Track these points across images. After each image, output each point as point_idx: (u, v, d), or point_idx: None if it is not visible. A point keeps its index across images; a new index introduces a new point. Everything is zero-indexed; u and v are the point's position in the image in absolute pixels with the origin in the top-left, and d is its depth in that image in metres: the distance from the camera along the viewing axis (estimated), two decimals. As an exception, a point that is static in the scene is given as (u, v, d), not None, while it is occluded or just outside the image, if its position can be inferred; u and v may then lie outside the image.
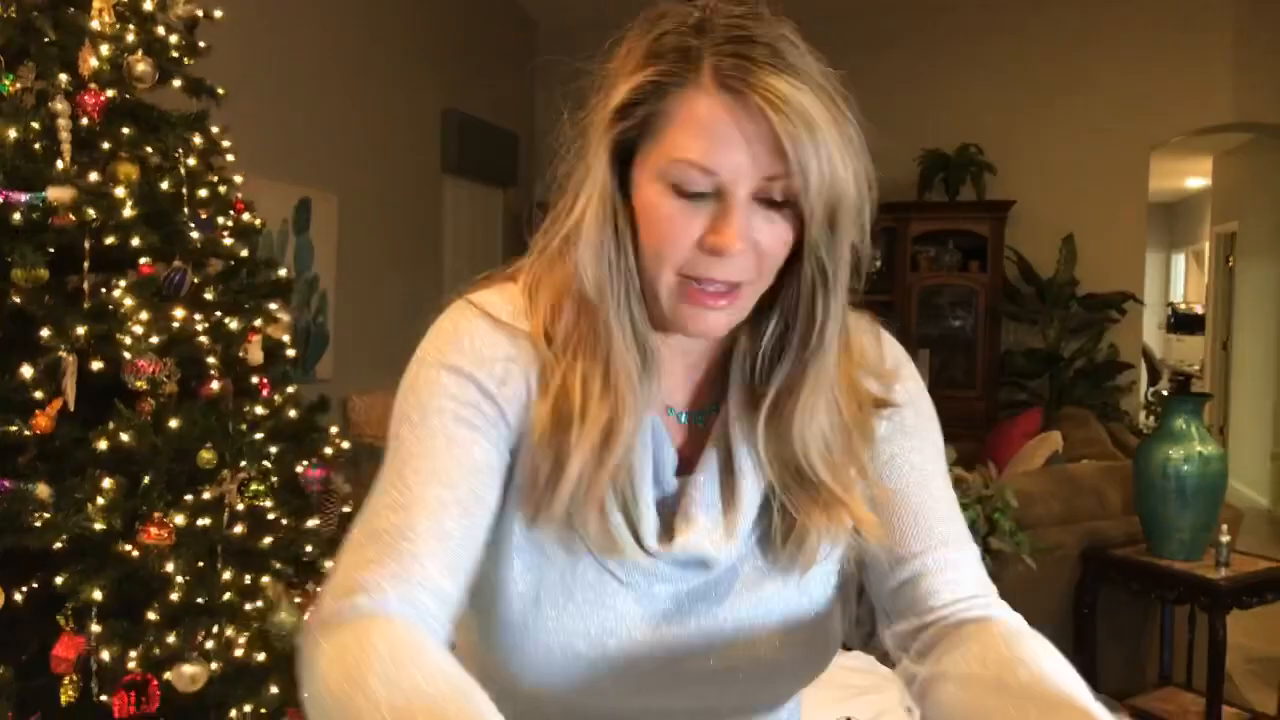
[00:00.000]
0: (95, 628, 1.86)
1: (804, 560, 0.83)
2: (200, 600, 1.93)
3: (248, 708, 1.92)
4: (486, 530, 0.77)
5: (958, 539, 0.85)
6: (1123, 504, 3.04)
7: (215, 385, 2.11)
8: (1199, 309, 9.89)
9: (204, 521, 1.98)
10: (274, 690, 1.95)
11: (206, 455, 1.97)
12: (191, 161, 2.24)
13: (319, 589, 2.28)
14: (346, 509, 2.36)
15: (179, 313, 2.07)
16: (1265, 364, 6.84)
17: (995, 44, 5.82)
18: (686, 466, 0.83)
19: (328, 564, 2.14)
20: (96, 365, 1.94)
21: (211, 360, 2.12)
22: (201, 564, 1.96)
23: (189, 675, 1.85)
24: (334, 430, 2.36)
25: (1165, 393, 7.20)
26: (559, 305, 0.80)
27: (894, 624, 0.85)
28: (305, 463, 2.20)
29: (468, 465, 0.76)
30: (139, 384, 1.99)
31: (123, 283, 2.01)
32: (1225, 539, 2.72)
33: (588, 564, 0.80)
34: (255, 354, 2.26)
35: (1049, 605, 2.89)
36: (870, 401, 0.85)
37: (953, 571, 0.83)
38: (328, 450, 2.27)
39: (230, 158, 2.39)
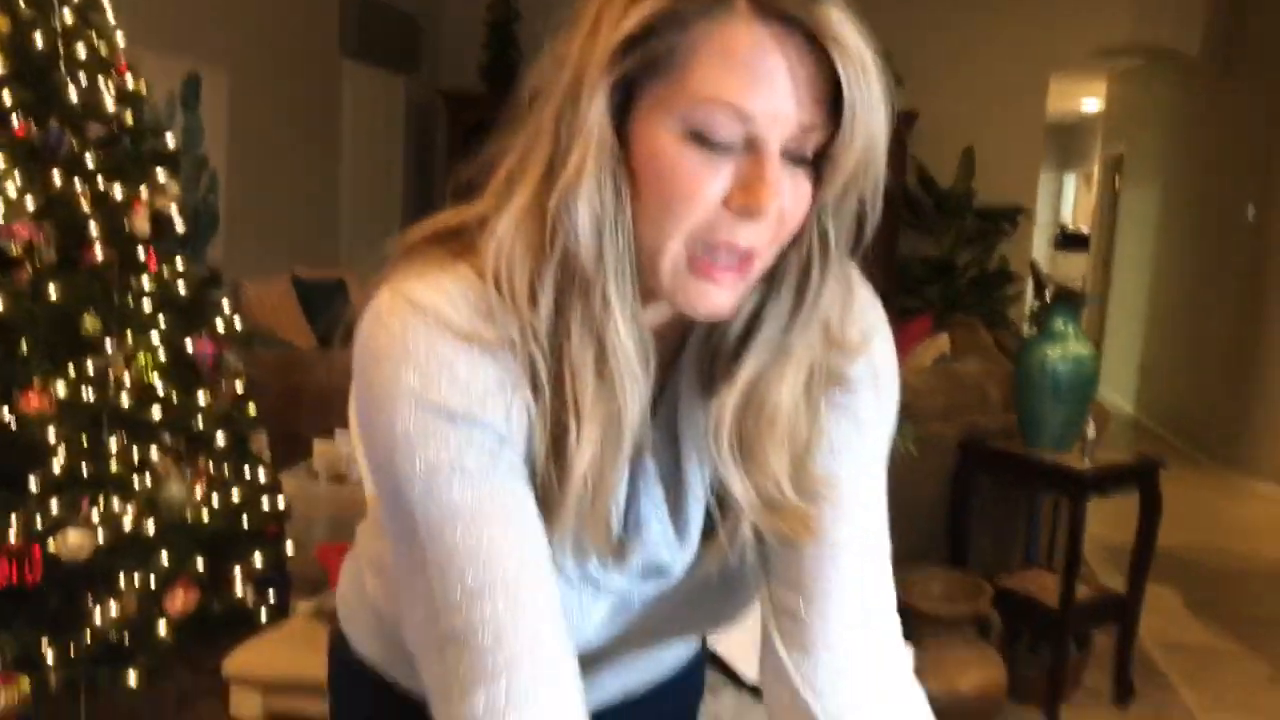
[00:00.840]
0: (-27, 496, 1.81)
1: (752, 546, 0.75)
2: (86, 471, 1.90)
3: (136, 577, 1.90)
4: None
5: (880, 553, 0.77)
6: (1002, 401, 3.19)
7: (99, 254, 2.03)
8: (1085, 229, 10.29)
9: (89, 393, 1.93)
10: (164, 561, 1.94)
11: (91, 321, 1.90)
12: (68, 16, 2.11)
13: (210, 465, 2.21)
14: (239, 387, 2.32)
15: (56, 177, 1.97)
16: (1140, 282, 7.19)
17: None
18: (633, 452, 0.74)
19: (219, 435, 2.11)
20: (-34, 226, 1.85)
21: (94, 228, 2.03)
22: (86, 435, 1.92)
23: (74, 544, 1.82)
24: (226, 306, 2.30)
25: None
26: (536, 279, 0.66)
27: (779, 616, 0.77)
28: (195, 336, 2.14)
29: (516, 527, 0.67)
30: (14, 250, 1.90)
31: (-7, 140, 1.90)
32: (1091, 434, 2.89)
33: None
34: (141, 225, 2.18)
35: (929, 492, 3.05)
36: (825, 379, 0.72)
37: (869, 598, 0.76)
38: (219, 325, 2.21)
39: (110, 17, 2.25)
